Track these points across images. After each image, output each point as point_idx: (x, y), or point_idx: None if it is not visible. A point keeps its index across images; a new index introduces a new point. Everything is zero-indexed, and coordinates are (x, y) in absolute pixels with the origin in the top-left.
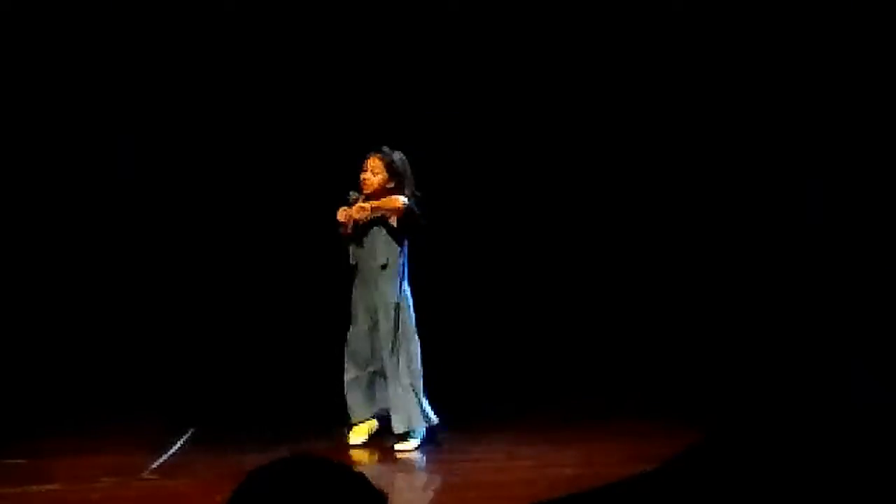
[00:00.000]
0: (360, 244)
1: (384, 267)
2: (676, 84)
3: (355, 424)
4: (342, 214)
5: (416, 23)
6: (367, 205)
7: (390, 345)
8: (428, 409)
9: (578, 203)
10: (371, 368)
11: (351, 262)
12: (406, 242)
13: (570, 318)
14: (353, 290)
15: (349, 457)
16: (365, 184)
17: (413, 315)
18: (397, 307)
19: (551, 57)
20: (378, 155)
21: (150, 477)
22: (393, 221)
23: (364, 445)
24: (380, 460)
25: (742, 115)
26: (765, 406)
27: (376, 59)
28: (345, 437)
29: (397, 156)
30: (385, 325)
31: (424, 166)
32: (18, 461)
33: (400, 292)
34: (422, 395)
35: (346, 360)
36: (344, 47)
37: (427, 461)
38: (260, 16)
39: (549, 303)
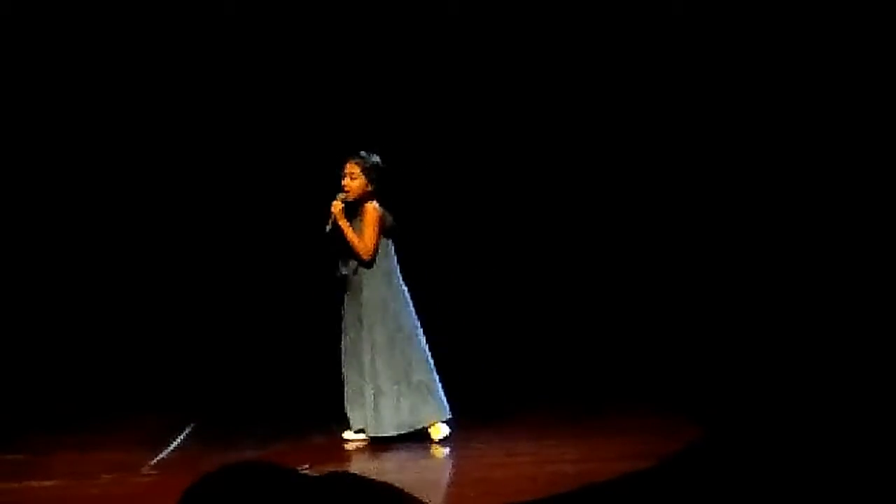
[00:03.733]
0: (341, 252)
1: (355, 273)
2: (676, 84)
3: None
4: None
5: (411, 23)
6: (338, 204)
7: (370, 348)
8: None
9: (577, 200)
10: (361, 377)
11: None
12: (387, 244)
13: (569, 315)
14: (345, 298)
15: (345, 454)
16: (346, 188)
17: (403, 315)
18: (384, 310)
19: (554, 55)
20: (354, 160)
21: (150, 473)
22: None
23: (361, 443)
24: (377, 457)
25: (739, 116)
26: (766, 404)
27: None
28: (339, 433)
29: (375, 159)
30: (367, 330)
31: (423, 165)
32: (18, 457)
33: (387, 293)
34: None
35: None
36: (336, 49)
37: (425, 458)
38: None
39: (548, 299)
